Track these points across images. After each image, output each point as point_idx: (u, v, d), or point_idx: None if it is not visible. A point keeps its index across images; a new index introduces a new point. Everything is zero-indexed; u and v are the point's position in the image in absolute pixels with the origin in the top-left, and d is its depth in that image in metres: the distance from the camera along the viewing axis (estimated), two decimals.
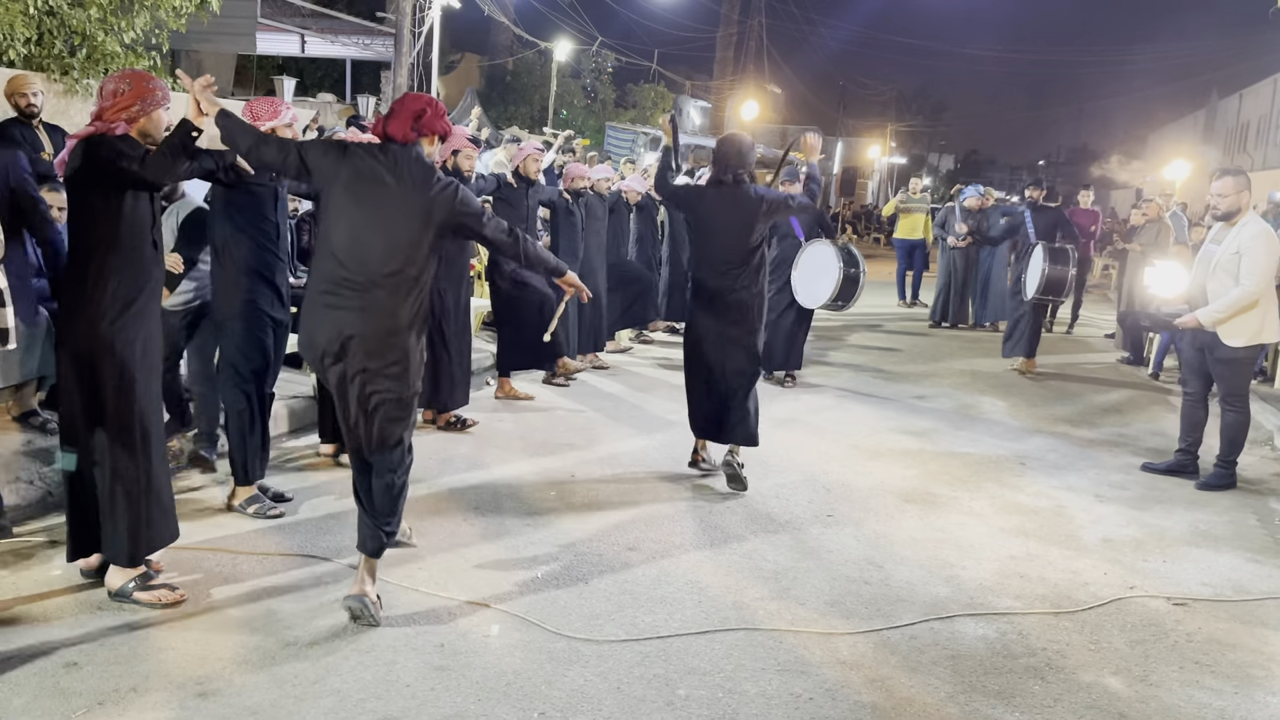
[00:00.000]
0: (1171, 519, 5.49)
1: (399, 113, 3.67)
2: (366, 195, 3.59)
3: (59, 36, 8.34)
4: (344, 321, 3.58)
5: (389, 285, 3.58)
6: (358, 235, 3.58)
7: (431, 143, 3.74)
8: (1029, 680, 3.56)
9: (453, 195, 3.67)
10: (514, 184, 7.26)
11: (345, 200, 3.60)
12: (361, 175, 3.59)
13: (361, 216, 3.58)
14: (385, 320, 3.59)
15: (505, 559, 4.39)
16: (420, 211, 3.60)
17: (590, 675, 3.41)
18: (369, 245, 3.57)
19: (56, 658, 3.31)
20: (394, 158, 3.62)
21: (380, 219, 3.58)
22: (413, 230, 3.60)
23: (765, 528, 4.97)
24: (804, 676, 3.48)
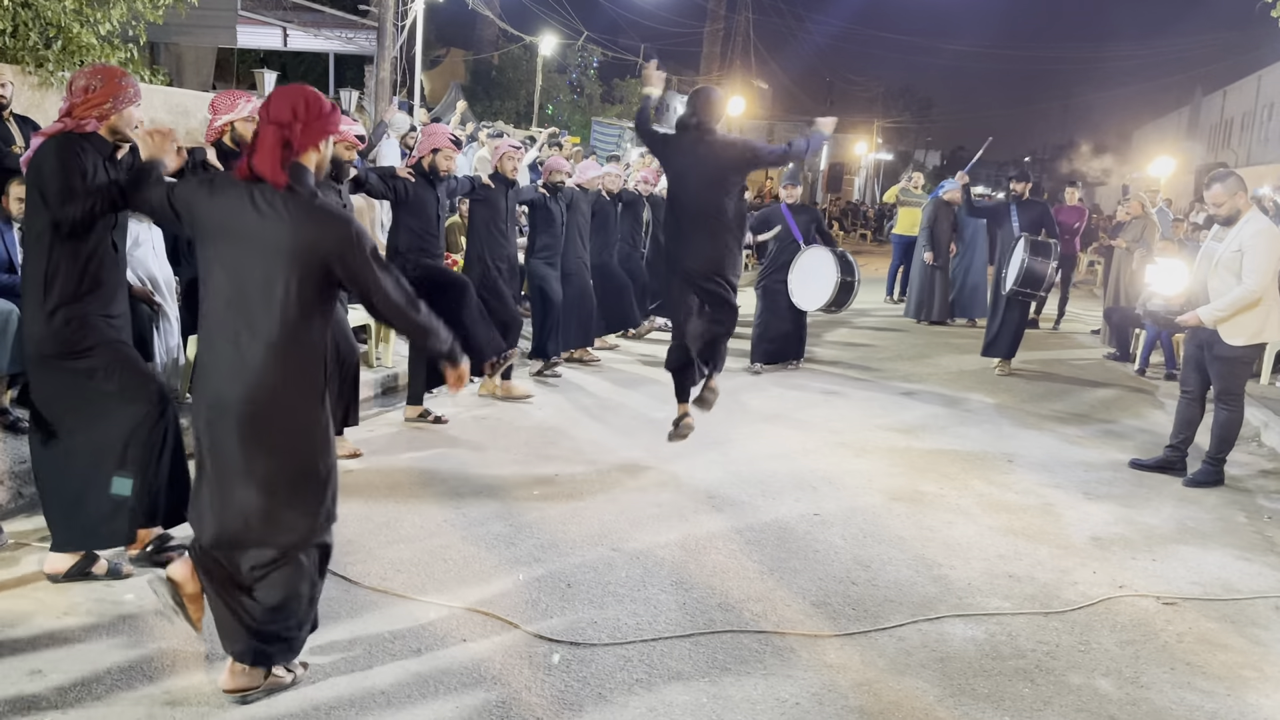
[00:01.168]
0: (1160, 516, 5.45)
1: (261, 143, 2.93)
2: (236, 240, 2.95)
3: (34, 28, 8.19)
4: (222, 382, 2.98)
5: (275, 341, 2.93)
6: (232, 286, 2.96)
7: (317, 150, 3.03)
8: (1018, 682, 3.51)
9: (334, 236, 2.95)
10: (491, 185, 7.13)
11: (216, 248, 2.99)
12: (229, 217, 2.96)
13: (232, 265, 2.96)
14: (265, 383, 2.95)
15: (486, 560, 4.30)
16: (289, 255, 2.90)
17: (571, 680, 3.33)
18: (247, 296, 2.94)
19: (20, 664, 3.22)
20: (263, 196, 2.93)
21: (251, 266, 2.93)
22: (283, 278, 2.90)
23: (751, 528, 4.90)
24: (790, 680, 3.41)
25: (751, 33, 33.13)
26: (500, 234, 7.18)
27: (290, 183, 2.93)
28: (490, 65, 27.91)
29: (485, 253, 7.12)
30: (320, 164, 3.08)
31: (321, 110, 3.01)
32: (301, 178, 2.96)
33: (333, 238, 2.94)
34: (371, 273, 3.00)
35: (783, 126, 42.83)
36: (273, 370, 2.94)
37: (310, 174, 3.00)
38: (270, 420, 2.97)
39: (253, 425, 2.96)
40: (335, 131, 3.11)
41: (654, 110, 5.89)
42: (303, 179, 2.96)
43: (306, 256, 2.91)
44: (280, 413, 2.98)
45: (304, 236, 2.91)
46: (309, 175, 2.99)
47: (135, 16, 8.84)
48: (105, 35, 8.60)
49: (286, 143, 2.94)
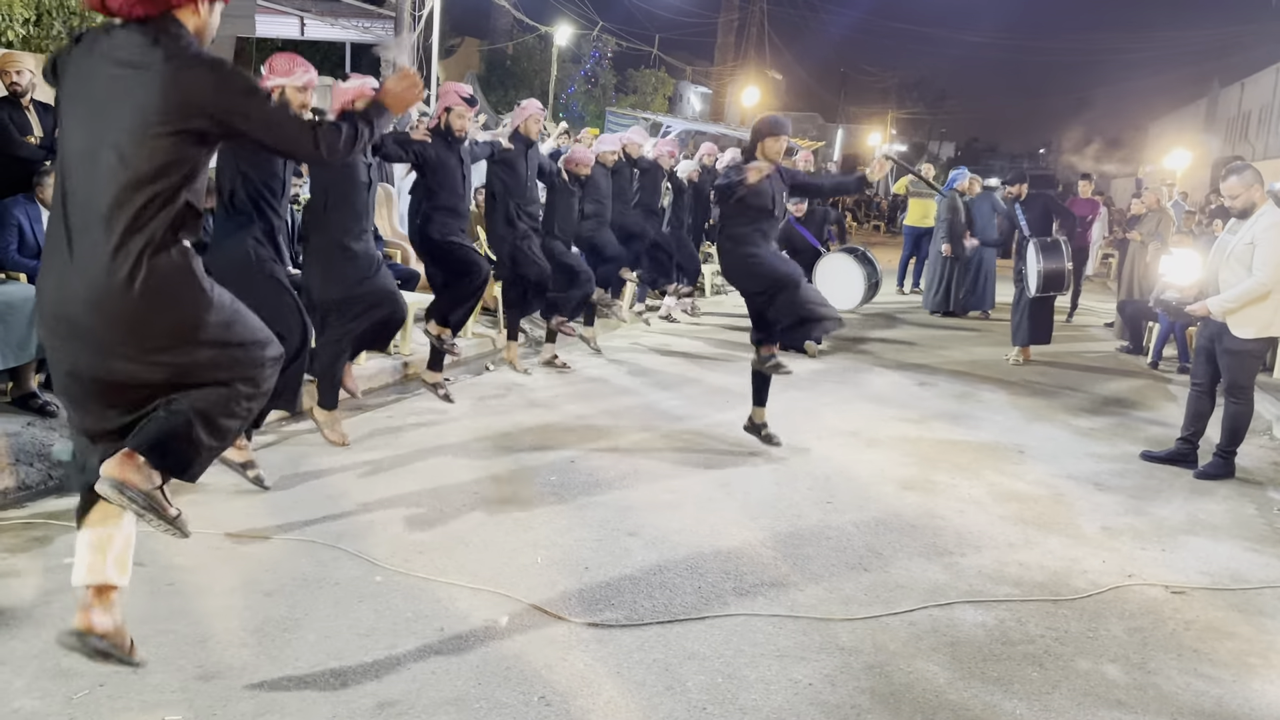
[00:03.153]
0: (1170, 508, 5.50)
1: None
2: (88, 97, 2.53)
3: (57, 17, 8.31)
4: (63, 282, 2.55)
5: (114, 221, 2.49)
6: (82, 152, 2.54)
7: (196, 13, 2.57)
8: (1027, 667, 3.57)
9: (215, 82, 2.51)
10: (510, 146, 7.11)
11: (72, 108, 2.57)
12: (79, 77, 2.55)
13: (84, 127, 2.53)
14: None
15: (505, 544, 4.39)
16: (150, 111, 2.46)
17: (590, 660, 3.41)
18: (94, 164, 2.50)
19: (55, 638, 3.31)
20: (119, 47, 2.49)
21: (106, 124, 2.49)
22: (143, 142, 2.47)
23: (764, 514, 4.98)
24: (803, 662, 3.49)
25: (766, 23, 33.08)
26: (521, 194, 7.14)
27: (153, 23, 2.49)
28: (505, 55, 27.97)
29: (510, 213, 7.10)
30: (200, 29, 2.61)
31: None
32: (168, 26, 2.51)
33: (207, 81, 2.50)
34: (264, 112, 2.59)
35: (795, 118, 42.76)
36: (123, 267, 2.48)
37: (183, 28, 2.55)
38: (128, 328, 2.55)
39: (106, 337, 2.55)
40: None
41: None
42: (170, 27, 2.51)
43: (177, 109, 2.46)
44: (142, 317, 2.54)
45: (174, 84, 2.46)
46: (184, 29, 2.55)
47: None
48: None
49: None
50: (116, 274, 2.50)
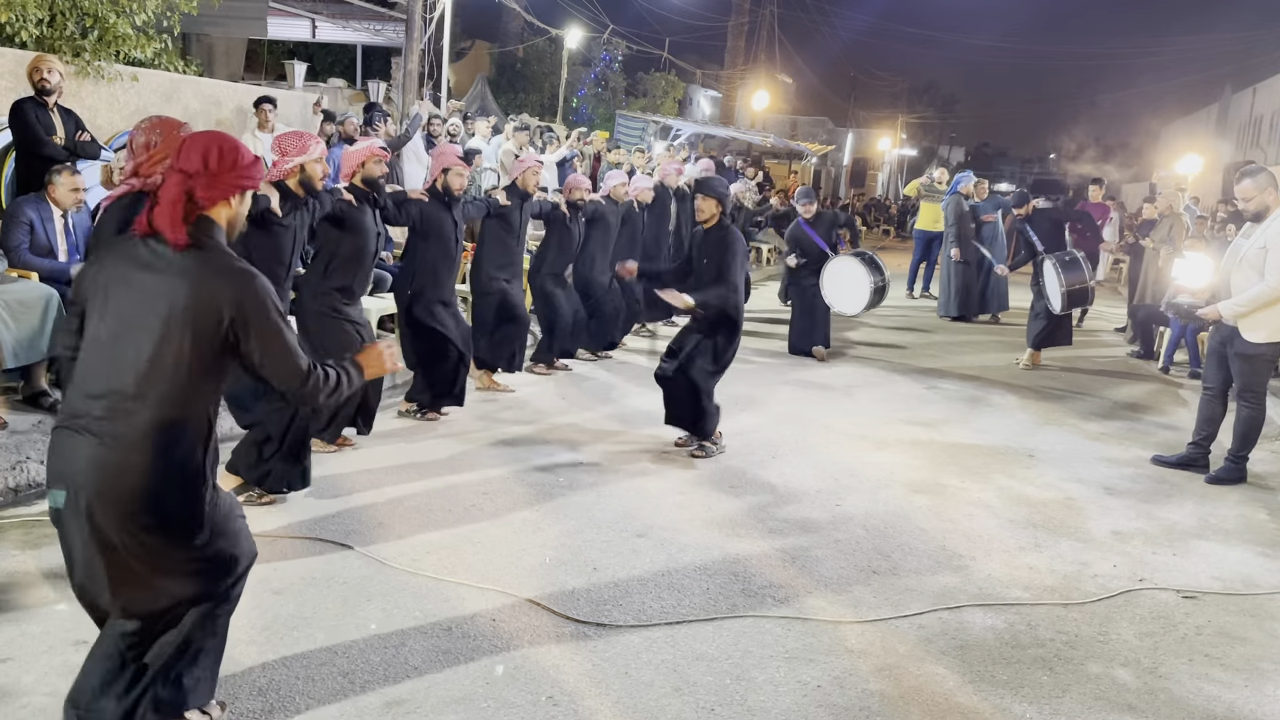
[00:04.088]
0: (1181, 512, 5.47)
1: (164, 194, 2.57)
2: (120, 299, 2.57)
3: (71, 18, 8.33)
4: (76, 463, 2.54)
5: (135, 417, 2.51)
6: (109, 351, 2.57)
7: (228, 206, 2.68)
8: (1037, 671, 3.56)
9: (230, 297, 2.55)
10: (508, 203, 7.06)
11: (96, 306, 2.60)
12: (113, 276, 2.60)
13: (112, 326, 2.57)
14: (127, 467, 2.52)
15: (513, 544, 4.39)
16: (181, 313, 2.51)
17: (598, 660, 3.41)
18: (125, 363, 2.53)
19: (66, 636, 3.33)
20: (158, 258, 2.56)
21: (135, 329, 2.54)
22: (173, 341, 2.51)
23: (774, 516, 4.97)
24: (812, 664, 3.48)
25: (776, 27, 33.09)
26: (509, 247, 7.13)
27: (191, 241, 2.56)
28: (515, 58, 28.01)
29: (493, 262, 7.08)
30: (232, 221, 2.72)
31: (236, 161, 2.64)
32: (208, 232, 2.60)
33: (231, 292, 2.54)
34: (275, 340, 2.62)
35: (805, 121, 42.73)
36: (145, 450, 2.51)
37: (219, 229, 2.65)
38: (132, 507, 2.53)
39: (110, 514, 2.52)
40: (254, 185, 2.73)
41: None
42: (209, 233, 2.61)
43: (202, 316, 2.52)
44: (148, 499, 2.53)
45: (201, 293, 2.52)
46: (218, 230, 2.64)
47: (170, 7, 8.97)
48: (141, 25, 8.73)
49: (190, 194, 2.58)
50: (135, 460, 2.51)
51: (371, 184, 5.49)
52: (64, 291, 5.37)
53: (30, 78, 6.35)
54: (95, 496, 2.50)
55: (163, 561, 2.62)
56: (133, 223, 2.71)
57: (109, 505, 2.51)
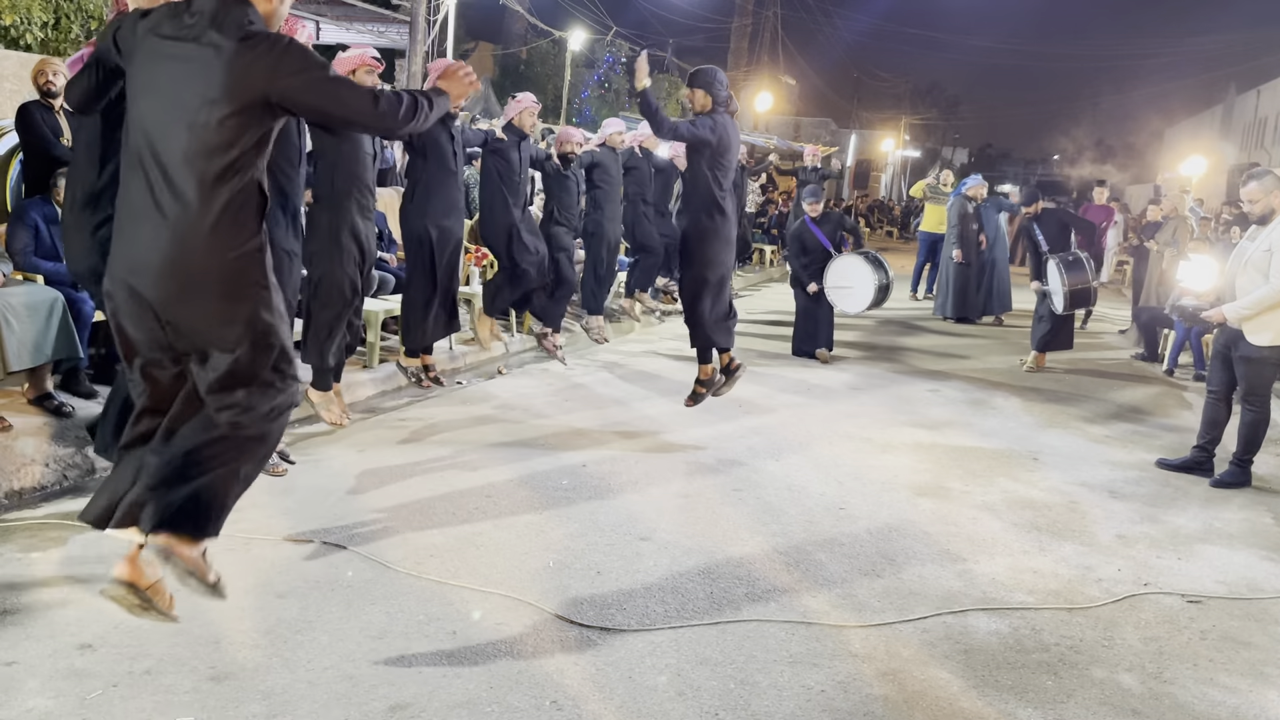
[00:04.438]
0: (1186, 516, 5.46)
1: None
2: (156, 72, 2.65)
3: (75, 20, 8.36)
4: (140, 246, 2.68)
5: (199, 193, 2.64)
6: (152, 127, 2.68)
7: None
8: (1042, 675, 3.55)
9: (278, 58, 2.62)
10: (504, 137, 7.00)
11: (140, 80, 2.70)
12: (156, 47, 2.67)
13: (154, 100, 2.67)
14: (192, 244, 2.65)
15: (517, 547, 4.39)
16: (222, 86, 2.60)
17: (602, 664, 3.41)
18: (170, 139, 2.64)
19: (70, 639, 3.33)
20: (192, 15, 2.63)
21: (175, 101, 2.63)
22: (216, 113, 2.61)
23: (777, 520, 4.97)
24: (816, 669, 3.48)
25: (779, 28, 33.10)
26: (514, 186, 7.03)
27: (223, 9, 2.61)
28: (519, 60, 28.04)
29: (501, 202, 7.00)
30: (269, 15, 2.75)
31: None
32: (237, 11, 2.64)
33: (270, 53, 2.60)
34: (332, 82, 2.69)
35: (808, 123, 42.72)
36: (200, 230, 2.62)
37: (256, 13, 2.68)
38: (199, 292, 2.68)
39: (179, 301, 2.67)
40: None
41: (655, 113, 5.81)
42: (240, 11, 2.64)
43: (243, 86, 2.58)
44: (211, 284, 2.67)
45: (238, 63, 2.58)
46: (254, 13, 2.68)
47: None
48: None
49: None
50: (203, 233, 2.64)
51: None
52: (69, 294, 5.38)
53: (35, 81, 6.35)
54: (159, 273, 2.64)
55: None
56: (93, 97, 3.10)
57: (172, 279, 2.65)
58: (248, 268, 2.73)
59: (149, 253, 2.68)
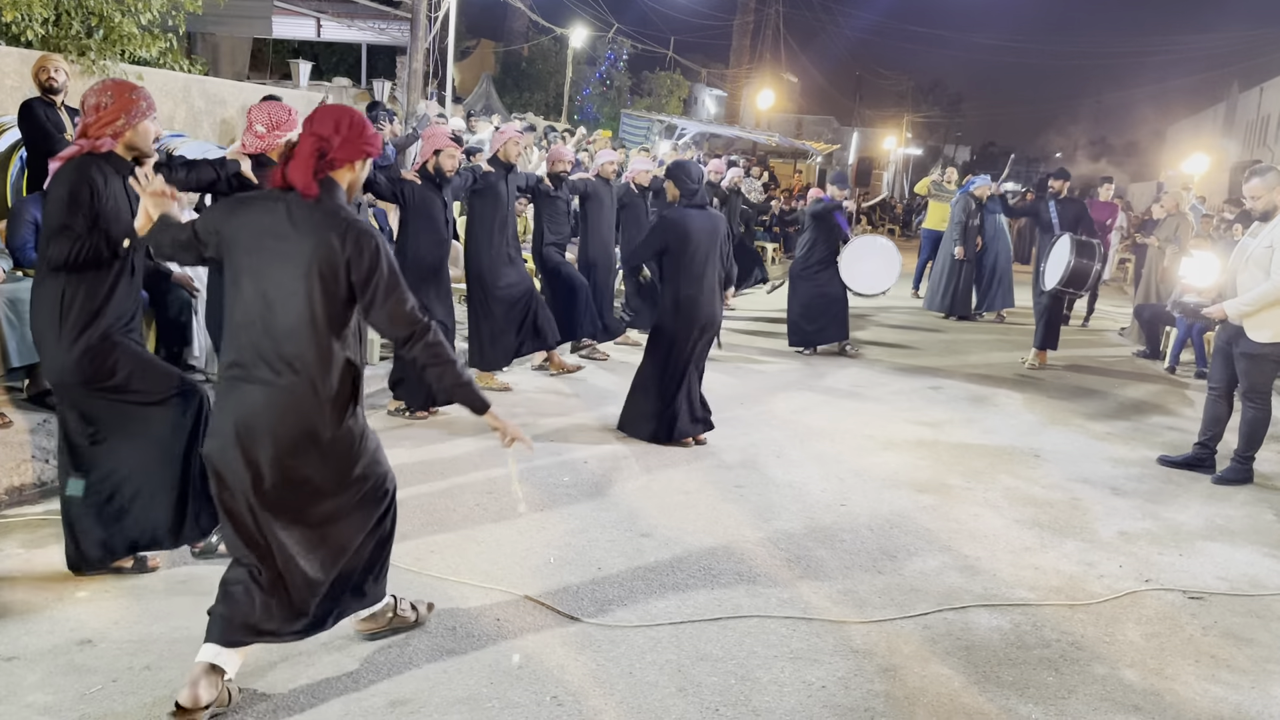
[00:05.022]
0: (1188, 513, 5.45)
1: (299, 153, 2.95)
2: (262, 251, 2.92)
3: (76, 17, 8.35)
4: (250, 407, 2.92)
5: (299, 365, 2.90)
6: (260, 299, 2.92)
7: (351, 170, 3.04)
8: (1043, 672, 3.54)
9: (353, 250, 2.88)
10: (490, 170, 7.01)
11: (243, 260, 2.95)
12: (257, 229, 2.94)
13: (259, 277, 2.93)
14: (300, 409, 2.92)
15: (518, 544, 4.38)
16: (314, 265, 2.88)
17: (603, 660, 3.40)
18: (275, 311, 2.90)
19: (71, 635, 3.33)
20: (294, 209, 2.92)
21: (279, 279, 2.90)
22: (310, 290, 2.88)
23: (779, 516, 4.96)
24: (817, 664, 3.47)
25: (781, 26, 33.07)
26: (502, 219, 7.07)
27: (320, 194, 2.91)
28: (520, 57, 28.02)
29: (488, 238, 7.03)
30: (353, 184, 3.06)
31: (363, 130, 3.01)
32: (332, 192, 2.95)
33: (354, 250, 2.87)
34: (391, 295, 2.93)
35: (810, 120, 42.70)
36: (304, 391, 2.89)
37: (341, 190, 2.99)
38: (302, 445, 2.93)
39: (284, 453, 2.91)
40: (375, 154, 3.08)
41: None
42: (333, 193, 2.95)
43: (331, 268, 2.87)
44: (313, 435, 2.94)
45: (330, 247, 2.86)
46: (340, 191, 2.98)
47: (175, 6, 8.98)
48: (146, 24, 8.75)
49: (322, 154, 2.94)
50: (317, 397, 2.93)
51: None
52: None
53: (37, 78, 6.33)
54: (268, 433, 2.90)
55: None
56: (78, 193, 3.39)
57: (282, 438, 2.91)
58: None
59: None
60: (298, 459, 2.94)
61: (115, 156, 3.59)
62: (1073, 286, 9.14)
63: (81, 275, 3.49)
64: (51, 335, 3.52)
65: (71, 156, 3.54)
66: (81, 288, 3.49)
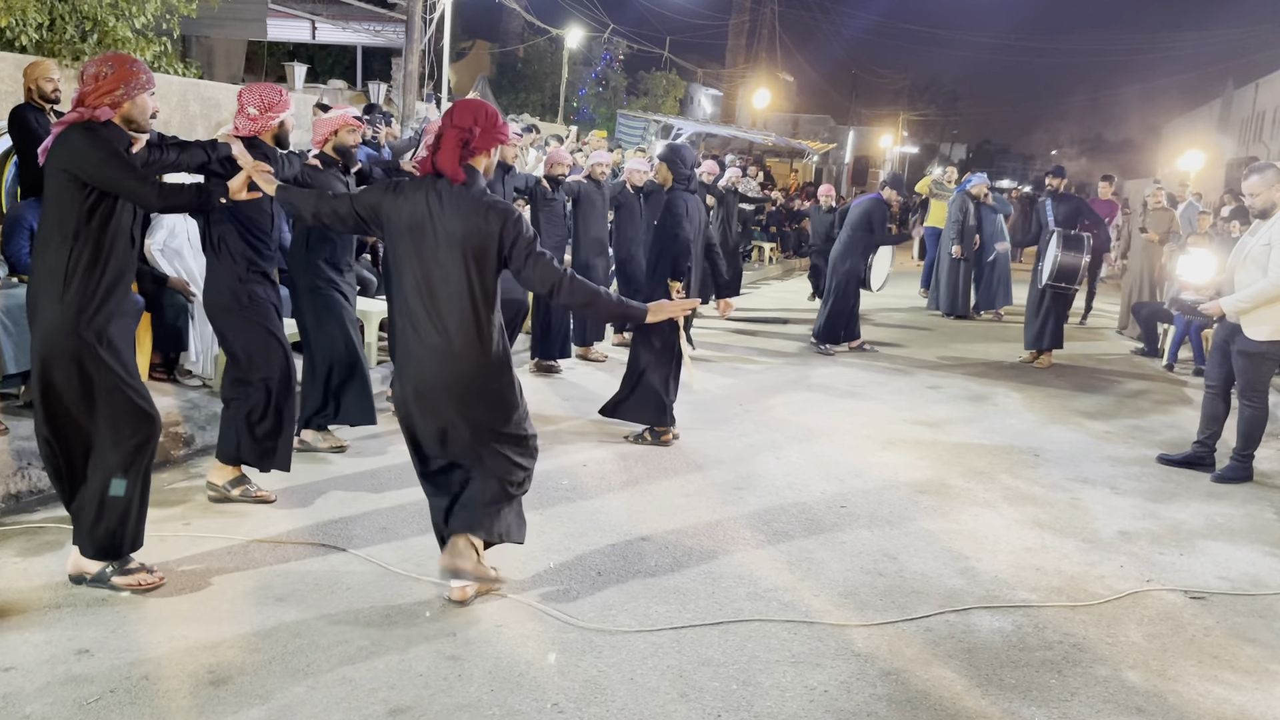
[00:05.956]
0: (1188, 512, 5.44)
1: (445, 144, 3.44)
2: (423, 234, 3.45)
3: (70, 22, 8.32)
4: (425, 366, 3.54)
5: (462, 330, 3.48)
6: (424, 277, 3.48)
7: (488, 155, 3.53)
8: (1046, 674, 3.53)
9: (504, 228, 3.43)
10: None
11: (405, 243, 3.48)
12: (416, 214, 3.45)
13: (421, 258, 3.47)
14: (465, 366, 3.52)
15: (517, 549, 4.34)
16: (466, 244, 3.43)
17: (603, 666, 3.39)
18: (436, 285, 3.47)
19: (69, 644, 3.31)
20: (444, 193, 3.43)
21: (438, 257, 3.45)
22: (464, 266, 3.44)
23: (778, 518, 4.95)
24: (819, 669, 3.46)
25: (777, 25, 33.05)
26: None
27: (465, 180, 3.41)
28: (516, 58, 27.99)
29: None
30: (488, 168, 3.56)
31: (496, 121, 3.50)
32: (474, 177, 3.46)
33: (500, 226, 3.40)
34: (534, 257, 3.46)
35: (806, 120, 42.69)
36: (468, 351, 3.47)
37: (480, 174, 3.49)
38: (472, 394, 3.53)
39: (460, 400, 3.52)
40: (505, 141, 3.55)
41: None
42: (475, 178, 3.46)
43: (481, 245, 3.40)
44: (480, 387, 3.54)
45: (478, 226, 3.39)
46: (479, 175, 3.49)
47: (169, 9, 8.96)
48: (140, 28, 8.72)
49: (465, 143, 3.42)
50: (482, 355, 3.54)
51: (343, 152, 5.40)
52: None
53: (36, 85, 6.21)
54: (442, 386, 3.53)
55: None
56: (105, 141, 3.49)
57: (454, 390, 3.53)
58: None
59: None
60: (465, 402, 3.53)
61: (114, 127, 3.56)
62: (1063, 281, 9.14)
63: (87, 240, 3.50)
64: (52, 297, 3.49)
65: (70, 124, 3.51)
66: (84, 254, 3.50)
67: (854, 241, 9.79)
